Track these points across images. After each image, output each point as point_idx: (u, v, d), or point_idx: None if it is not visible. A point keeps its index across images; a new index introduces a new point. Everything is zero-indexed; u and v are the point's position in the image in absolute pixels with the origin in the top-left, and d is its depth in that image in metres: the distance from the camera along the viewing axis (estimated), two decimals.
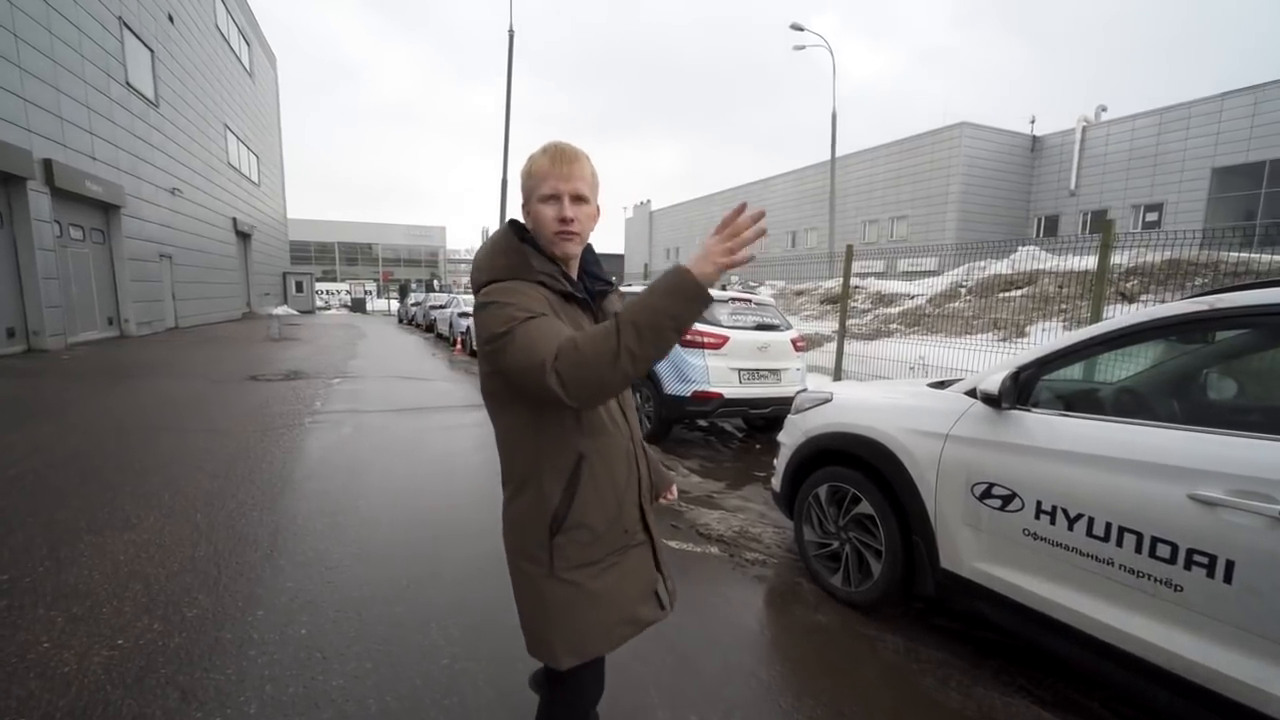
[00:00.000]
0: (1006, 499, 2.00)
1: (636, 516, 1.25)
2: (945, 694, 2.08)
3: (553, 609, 1.15)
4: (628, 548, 1.23)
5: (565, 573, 1.15)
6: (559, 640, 1.16)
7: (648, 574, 1.27)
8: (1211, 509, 1.52)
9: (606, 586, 1.18)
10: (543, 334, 1.01)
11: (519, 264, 1.14)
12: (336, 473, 4.29)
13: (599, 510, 1.16)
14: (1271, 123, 21.58)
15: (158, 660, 2.08)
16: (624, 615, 1.21)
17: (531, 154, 1.18)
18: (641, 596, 1.25)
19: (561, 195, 1.13)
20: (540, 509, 1.14)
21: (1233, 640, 1.50)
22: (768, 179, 41.48)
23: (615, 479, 1.19)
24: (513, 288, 1.09)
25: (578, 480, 1.14)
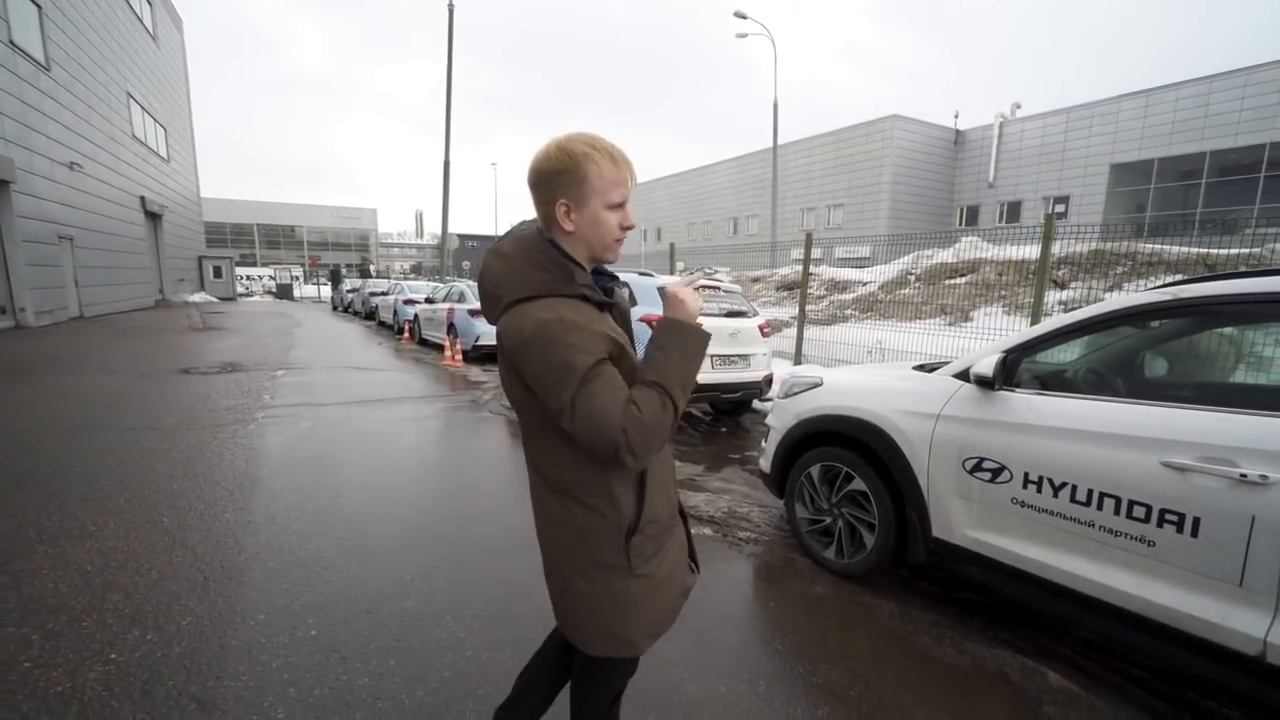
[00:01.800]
0: (996, 472, 2.20)
1: (675, 499, 1.31)
2: (941, 650, 2.29)
3: (633, 604, 1.18)
4: (674, 527, 1.29)
5: (642, 568, 1.17)
6: (638, 630, 1.20)
7: (684, 545, 1.34)
8: (1182, 474, 1.75)
9: (669, 569, 1.24)
10: (609, 404, 1.01)
11: (561, 279, 1.08)
12: (306, 469, 4.11)
13: (665, 504, 1.21)
14: (1160, 124, 23.85)
15: (161, 672, 1.98)
16: (680, 589, 1.29)
17: (583, 151, 1.07)
18: (684, 567, 1.32)
19: (627, 203, 1.11)
20: (614, 516, 1.14)
21: (1197, 585, 1.74)
22: (709, 165, 41.94)
23: (668, 472, 1.25)
24: (574, 324, 1.03)
25: (645, 481, 1.15)
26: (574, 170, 1.06)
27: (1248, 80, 21.62)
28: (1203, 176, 23.26)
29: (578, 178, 1.07)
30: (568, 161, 1.06)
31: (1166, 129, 23.61)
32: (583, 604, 1.19)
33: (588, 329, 1.04)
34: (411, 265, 74.86)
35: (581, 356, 1.01)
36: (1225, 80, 22.17)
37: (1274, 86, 20.93)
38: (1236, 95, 21.79)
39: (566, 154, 1.06)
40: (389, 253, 79.30)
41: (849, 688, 2.05)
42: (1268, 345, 2.14)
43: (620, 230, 1.13)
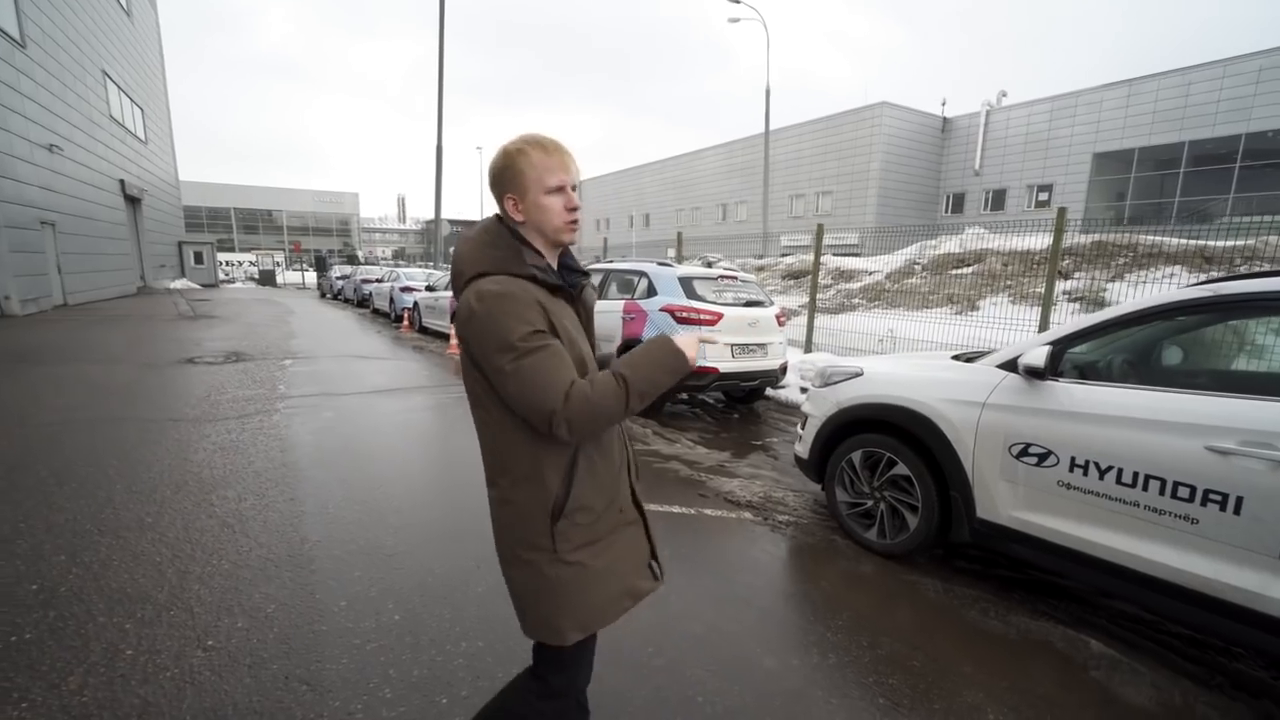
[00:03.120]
0: (1043, 456, 2.35)
1: (629, 495, 1.31)
2: (988, 623, 2.46)
3: (560, 590, 1.18)
4: (623, 525, 1.28)
5: (569, 555, 1.18)
6: (566, 618, 1.19)
7: (642, 548, 1.33)
8: (1225, 457, 1.91)
9: (608, 563, 1.23)
10: (553, 375, 1.06)
11: (511, 257, 1.15)
12: (342, 458, 4.16)
13: (598, 492, 1.21)
14: (1141, 113, 24.30)
15: (262, 656, 2.05)
16: (624, 588, 1.26)
17: (516, 148, 1.16)
18: (637, 570, 1.31)
19: (566, 186, 1.16)
20: (541, 499, 1.16)
21: (1238, 559, 1.90)
22: (697, 151, 41.76)
23: (611, 461, 1.24)
24: (510, 295, 1.08)
25: (575, 466, 1.17)
26: (510, 166, 1.16)
27: (1225, 71, 22.11)
28: (1181, 166, 23.82)
29: (514, 172, 1.16)
30: (505, 160, 1.17)
31: (1148, 119, 24.08)
32: (516, 586, 1.22)
33: (532, 303, 1.09)
34: (394, 251, 73.72)
35: (522, 325, 1.07)
36: (1204, 71, 22.65)
37: (1250, 78, 21.44)
38: (1215, 86, 22.28)
39: (504, 154, 1.17)
40: (371, 238, 77.93)
41: (911, 658, 2.21)
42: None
43: (566, 212, 1.17)
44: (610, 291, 6.45)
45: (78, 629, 2.16)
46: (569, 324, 1.19)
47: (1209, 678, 2.16)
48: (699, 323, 5.25)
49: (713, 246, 22.68)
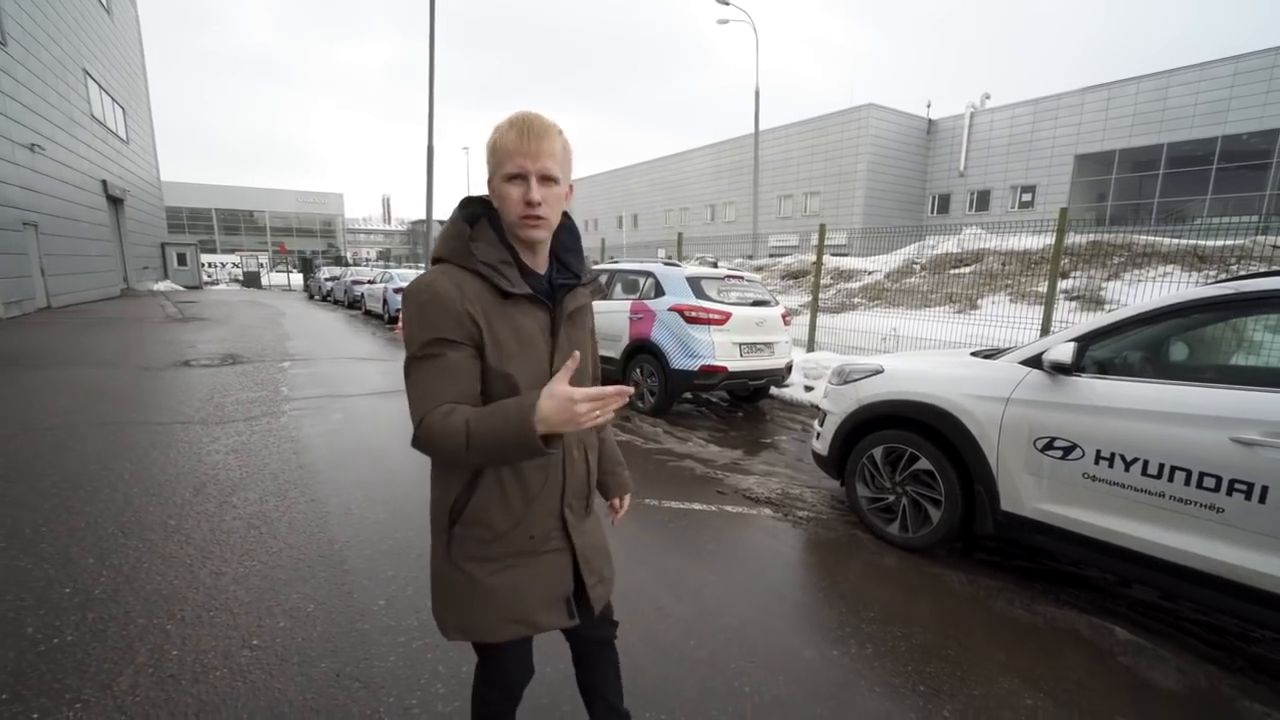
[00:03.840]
0: (1068, 449, 2.43)
1: (552, 525, 1.18)
2: (1014, 612, 2.53)
3: (445, 590, 1.17)
4: (536, 553, 1.17)
5: (461, 561, 1.13)
6: (449, 616, 1.18)
7: (557, 582, 1.20)
8: (1250, 448, 1.99)
9: (501, 584, 1.14)
10: (426, 389, 1.01)
11: (459, 248, 1.07)
12: (357, 460, 4.14)
13: (501, 512, 1.11)
14: (1121, 116, 24.84)
15: (310, 655, 2.06)
16: (515, 615, 1.15)
17: (498, 125, 1.06)
18: (544, 603, 1.18)
19: (528, 175, 1.02)
20: (444, 499, 1.14)
21: (1264, 545, 1.99)
22: (685, 152, 41.91)
23: (525, 485, 1.12)
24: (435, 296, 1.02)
25: (479, 478, 1.10)
26: (488, 147, 1.07)
27: (1201, 75, 22.68)
28: (1160, 167, 24.38)
29: (489, 153, 1.07)
30: (488, 138, 1.07)
31: (1128, 121, 24.62)
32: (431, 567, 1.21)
33: (450, 308, 1.01)
34: (378, 251, 73.03)
35: (427, 331, 1.01)
36: (1181, 75, 23.21)
37: (1226, 82, 22.02)
38: (1192, 90, 22.84)
39: (492, 131, 1.07)
40: (355, 238, 77.11)
41: (944, 647, 2.27)
42: None
43: (524, 206, 1.03)
44: (615, 292, 6.48)
45: (119, 631, 2.14)
46: (519, 330, 1.08)
47: (1230, 661, 2.24)
48: (709, 322, 5.29)
49: (702, 247, 22.77)
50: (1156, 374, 2.46)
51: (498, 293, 1.06)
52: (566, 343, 1.15)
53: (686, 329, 5.32)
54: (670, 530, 3.24)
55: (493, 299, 1.06)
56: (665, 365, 5.42)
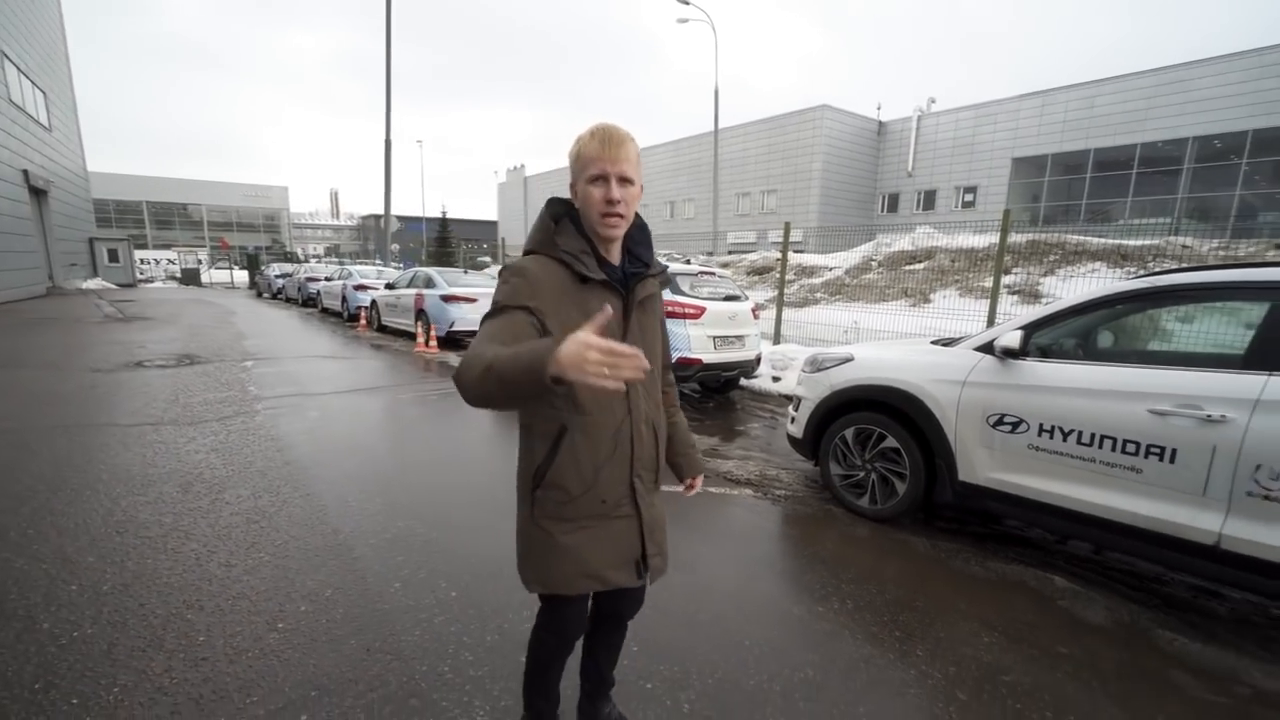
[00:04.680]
0: (1015, 424, 2.76)
1: (622, 492, 1.31)
2: (971, 568, 2.85)
3: (528, 547, 1.34)
4: (608, 517, 1.31)
5: (542, 520, 1.30)
6: (529, 570, 1.35)
7: (627, 545, 1.34)
8: (1163, 418, 2.34)
9: (576, 542, 1.29)
10: (483, 337, 1.10)
11: (545, 239, 1.24)
12: (344, 455, 4.17)
13: (575, 478, 1.26)
14: (1053, 122, 26.46)
15: (336, 634, 2.16)
16: (587, 571, 1.30)
17: (579, 137, 1.21)
18: (614, 562, 1.32)
19: (609, 177, 1.17)
20: (529, 463, 1.30)
21: (1173, 499, 2.35)
22: (644, 149, 42.18)
23: (596, 454, 1.26)
24: (522, 267, 1.20)
25: (558, 447, 1.25)
26: (572, 154, 1.23)
27: (1124, 86, 24.42)
28: (1087, 171, 26.14)
29: (573, 161, 1.22)
30: (571, 148, 1.23)
31: (1059, 127, 26.26)
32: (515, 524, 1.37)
33: (530, 283, 1.17)
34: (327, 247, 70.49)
35: (503, 297, 1.17)
36: (1106, 85, 24.93)
37: (1145, 93, 23.79)
38: (1116, 99, 24.57)
39: (574, 142, 1.22)
40: (302, 234, 74.16)
41: (914, 600, 2.56)
42: (1219, 320, 2.81)
43: (604, 204, 1.17)
44: None
45: (140, 622, 2.19)
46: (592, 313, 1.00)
47: (1147, 600, 2.62)
48: (684, 316, 5.52)
49: (663, 244, 23.00)
50: (1087, 357, 2.82)
51: (577, 278, 1.21)
52: (638, 327, 1.31)
53: (666, 322, 5.53)
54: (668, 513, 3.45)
55: (571, 283, 1.21)
56: None
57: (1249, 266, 2.51)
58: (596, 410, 1.26)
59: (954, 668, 2.11)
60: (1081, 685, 2.05)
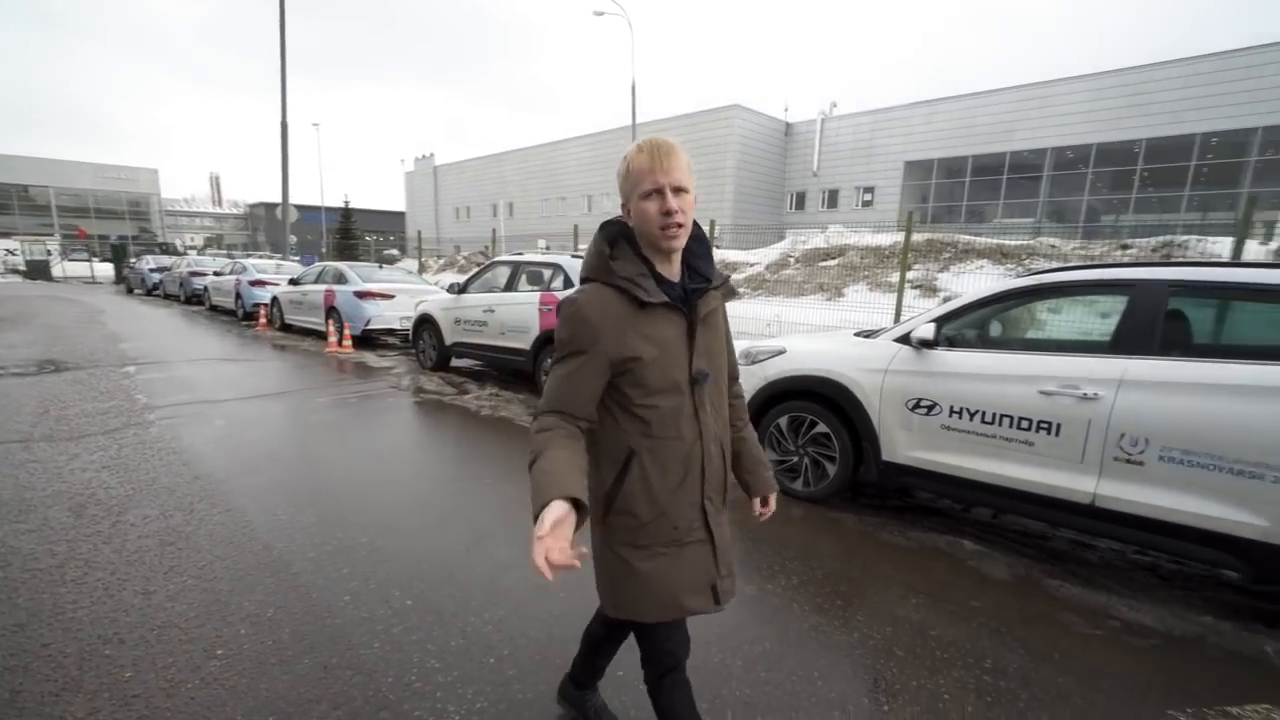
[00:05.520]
0: (930, 407, 3.08)
1: (694, 516, 1.28)
2: (895, 539, 3.15)
3: (604, 571, 1.32)
4: (682, 543, 1.27)
5: (616, 547, 1.26)
6: (607, 595, 1.32)
7: (703, 570, 1.30)
8: (1050, 397, 2.71)
9: (652, 570, 1.25)
10: (553, 389, 1.18)
11: (601, 266, 1.21)
12: (265, 465, 3.89)
13: (645, 502, 1.22)
14: (939, 129, 28.90)
15: (287, 655, 2.06)
16: (666, 598, 1.26)
17: (626, 155, 1.19)
18: (691, 588, 1.28)
19: (664, 189, 1.14)
20: (598, 488, 1.25)
21: (1057, 466, 2.72)
22: (561, 141, 41.62)
23: (666, 479, 1.23)
24: (578, 311, 1.17)
25: (626, 473, 1.22)
26: (621, 172, 1.20)
27: (995, 99, 27.16)
28: (966, 175, 28.88)
29: (621, 178, 1.20)
30: (620, 167, 1.20)
31: (944, 134, 28.76)
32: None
33: (590, 323, 1.15)
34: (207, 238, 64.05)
35: (567, 340, 1.18)
36: (982, 98, 27.61)
37: (1012, 106, 26.59)
38: (990, 110, 27.27)
39: (622, 160, 1.20)
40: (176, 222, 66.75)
41: (849, 571, 2.80)
42: (1090, 311, 3.27)
43: (661, 217, 1.14)
44: (521, 284, 6.54)
45: (46, 663, 1.97)
46: (661, 334, 1.20)
47: (1037, 554, 3.03)
48: None
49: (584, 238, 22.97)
50: (987, 345, 3.20)
51: (636, 303, 1.17)
52: (703, 346, 1.26)
53: None
54: None
55: (631, 310, 1.17)
56: None
57: (1110, 266, 2.95)
58: (665, 433, 1.23)
59: (890, 628, 2.35)
60: (992, 633, 2.35)
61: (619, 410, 1.22)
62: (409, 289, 9.28)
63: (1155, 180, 24.70)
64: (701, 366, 1.25)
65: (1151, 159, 24.35)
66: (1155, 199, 24.78)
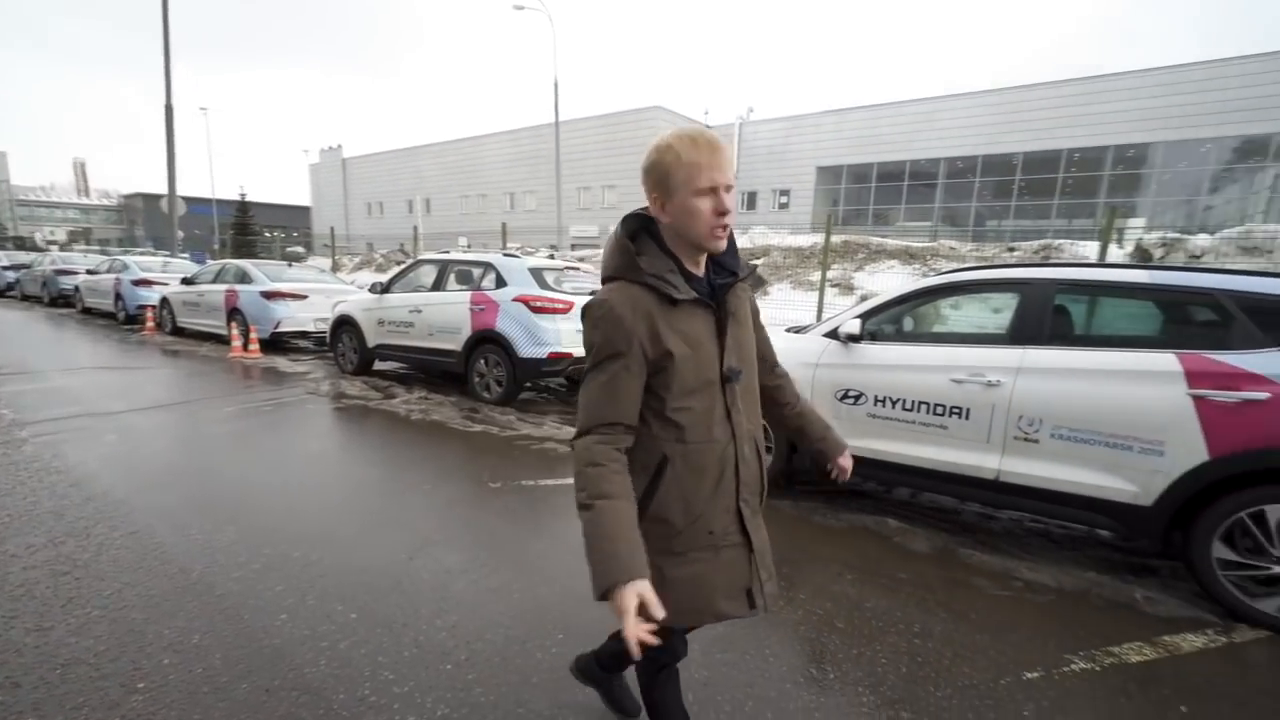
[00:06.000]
0: (857, 397, 3.31)
1: (730, 521, 1.25)
2: (828, 521, 3.37)
3: None
4: (717, 548, 1.24)
5: (650, 555, 1.13)
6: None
7: (739, 574, 1.27)
8: (960, 384, 3.00)
9: (685, 577, 1.22)
10: (594, 398, 1.14)
11: (627, 263, 1.16)
12: (169, 480, 3.56)
13: (680, 509, 1.19)
14: (847, 137, 30.67)
15: (221, 681, 1.91)
16: (699, 605, 1.24)
17: (667, 144, 1.12)
18: (727, 593, 1.26)
19: (719, 187, 1.10)
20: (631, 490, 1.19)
21: (968, 447, 3.02)
22: (481, 136, 40.54)
23: (701, 483, 1.20)
24: (609, 312, 1.13)
25: (660, 479, 1.18)
26: (658, 163, 1.12)
27: (896, 111, 29.24)
28: (872, 181, 30.92)
29: (661, 170, 1.12)
30: (653, 156, 1.14)
31: (851, 141, 30.61)
32: None
33: (623, 323, 1.11)
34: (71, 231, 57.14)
35: (604, 345, 1.13)
36: (885, 109, 29.63)
37: (911, 117, 28.73)
38: (893, 120, 29.31)
39: (653, 149, 1.14)
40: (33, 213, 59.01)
41: (791, 553, 2.96)
42: (989, 307, 3.63)
43: (714, 217, 1.11)
44: (449, 283, 6.35)
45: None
46: (692, 332, 1.17)
47: (950, 527, 3.35)
48: (554, 311, 5.56)
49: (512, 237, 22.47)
50: (905, 339, 3.48)
51: (667, 300, 1.14)
52: (733, 342, 1.22)
53: (533, 318, 5.52)
54: (556, 503, 3.51)
55: (661, 307, 1.14)
56: (513, 354, 5.55)
57: (1005, 267, 3.31)
58: (698, 438, 1.19)
59: (829, 603, 2.52)
60: (918, 601, 2.57)
61: (651, 416, 1.18)
62: (323, 289, 8.74)
63: (1030, 189, 27.59)
64: (733, 363, 1.22)
65: (1027, 170, 27.16)
66: (1031, 206, 27.67)
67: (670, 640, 1.37)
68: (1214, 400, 2.45)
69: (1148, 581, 2.82)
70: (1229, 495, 2.44)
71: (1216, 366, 2.48)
